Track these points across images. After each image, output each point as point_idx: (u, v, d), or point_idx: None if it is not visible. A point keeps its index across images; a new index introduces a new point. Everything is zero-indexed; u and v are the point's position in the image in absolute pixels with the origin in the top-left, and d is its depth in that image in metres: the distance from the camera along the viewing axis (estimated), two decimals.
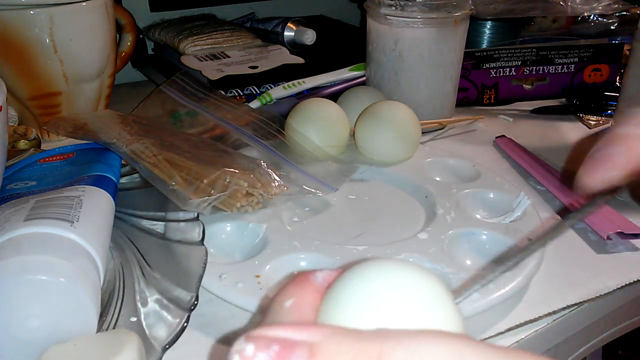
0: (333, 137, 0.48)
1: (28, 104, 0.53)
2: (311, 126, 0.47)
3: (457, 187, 0.44)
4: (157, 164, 0.39)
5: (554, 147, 0.55)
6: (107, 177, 0.38)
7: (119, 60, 0.61)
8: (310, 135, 0.47)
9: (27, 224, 0.29)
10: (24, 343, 0.26)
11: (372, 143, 0.48)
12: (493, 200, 0.43)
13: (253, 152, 0.46)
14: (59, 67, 0.51)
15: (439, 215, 0.40)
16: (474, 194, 0.43)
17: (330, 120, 0.48)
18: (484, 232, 0.38)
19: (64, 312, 0.26)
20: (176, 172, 0.38)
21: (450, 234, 0.38)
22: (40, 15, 0.49)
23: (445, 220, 0.39)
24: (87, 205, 0.32)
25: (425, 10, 0.53)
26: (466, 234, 0.38)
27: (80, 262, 0.28)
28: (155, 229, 0.37)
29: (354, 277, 0.17)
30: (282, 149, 0.46)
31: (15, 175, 0.40)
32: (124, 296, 0.32)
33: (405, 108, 0.48)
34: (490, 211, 0.42)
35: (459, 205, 0.41)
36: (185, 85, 0.56)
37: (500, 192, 0.43)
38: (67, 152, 0.43)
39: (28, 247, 0.28)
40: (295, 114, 0.48)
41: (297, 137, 0.47)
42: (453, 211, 0.40)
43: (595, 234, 0.40)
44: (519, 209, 0.40)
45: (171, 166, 0.39)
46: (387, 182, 0.47)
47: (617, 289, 0.35)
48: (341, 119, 0.49)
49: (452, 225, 0.39)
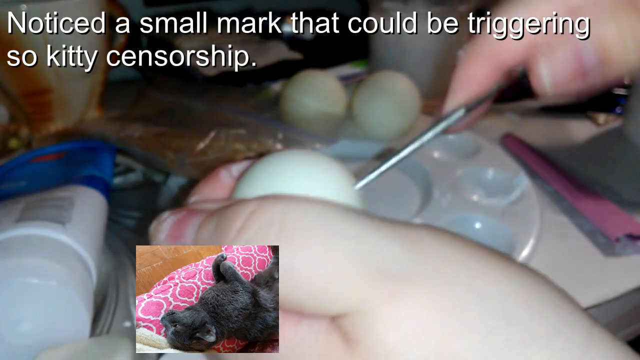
0: (328, 108, 0.47)
1: (19, 101, 0.52)
2: (305, 97, 0.46)
3: (455, 165, 0.43)
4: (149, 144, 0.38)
5: (562, 146, 0.54)
6: (100, 177, 0.37)
7: (112, 57, 0.60)
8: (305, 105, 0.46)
9: (18, 226, 0.28)
10: (15, 348, 0.26)
11: (368, 114, 0.46)
12: (492, 179, 0.42)
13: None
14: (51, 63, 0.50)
15: (434, 199, 0.39)
16: (472, 172, 0.43)
17: (326, 93, 0.47)
18: (479, 217, 0.38)
19: (56, 316, 0.26)
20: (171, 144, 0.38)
21: (445, 219, 0.37)
22: (32, 11, 0.48)
23: (440, 204, 0.39)
24: (79, 206, 0.32)
25: (428, 4, 0.52)
26: (461, 220, 0.38)
27: (72, 264, 0.28)
28: (149, 230, 0.36)
29: (259, 163, 0.19)
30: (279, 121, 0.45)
31: (6, 175, 0.39)
32: (118, 300, 0.31)
33: (404, 79, 0.47)
34: (489, 191, 0.41)
35: (455, 186, 0.41)
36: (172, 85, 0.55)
37: (499, 170, 0.42)
38: (59, 151, 0.42)
39: (19, 249, 0.27)
40: (291, 84, 0.47)
41: (291, 106, 0.46)
42: (449, 193, 0.40)
43: (604, 236, 0.39)
44: (517, 189, 0.40)
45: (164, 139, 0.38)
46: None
47: (626, 293, 0.34)
48: (337, 91, 0.47)
49: (447, 209, 0.38)
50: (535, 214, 0.37)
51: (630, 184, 0.47)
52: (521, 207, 0.38)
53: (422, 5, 0.52)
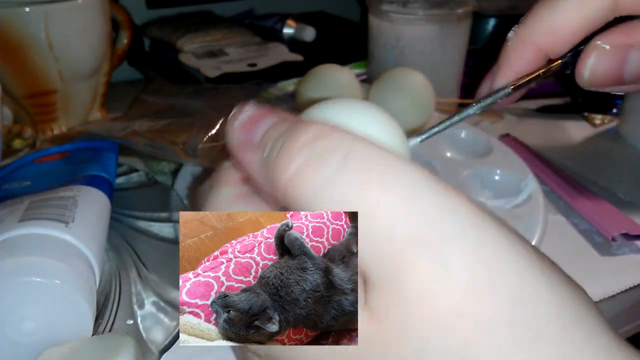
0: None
1: (23, 102, 0.52)
2: (322, 91, 0.46)
3: (465, 165, 0.43)
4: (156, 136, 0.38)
5: (558, 146, 0.54)
6: (103, 177, 0.37)
7: (115, 58, 0.60)
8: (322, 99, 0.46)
9: (21, 225, 0.29)
10: (19, 345, 0.26)
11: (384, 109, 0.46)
12: (500, 180, 0.42)
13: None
14: (55, 65, 0.51)
15: None
16: (482, 173, 0.43)
17: (342, 87, 0.46)
18: None
19: (59, 314, 0.26)
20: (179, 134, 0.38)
21: None
22: (36, 13, 0.48)
23: None
24: (83, 205, 0.32)
25: (427, 7, 0.52)
26: None
27: (76, 263, 0.28)
28: (152, 230, 0.37)
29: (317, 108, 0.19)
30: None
31: (10, 175, 0.40)
32: (120, 298, 0.31)
33: (420, 76, 0.47)
34: (497, 192, 0.41)
35: (463, 186, 0.41)
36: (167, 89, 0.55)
37: (509, 172, 0.42)
38: (63, 151, 0.43)
39: (23, 248, 0.27)
40: (307, 79, 0.47)
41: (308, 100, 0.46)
42: None
43: (600, 236, 0.40)
44: (525, 191, 0.40)
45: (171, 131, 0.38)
46: None
47: (622, 292, 0.35)
48: (353, 85, 0.47)
49: None
50: (539, 218, 0.37)
51: (626, 184, 0.47)
52: (526, 210, 0.38)
53: (421, 7, 0.52)
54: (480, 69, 0.61)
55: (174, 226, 0.36)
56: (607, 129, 0.58)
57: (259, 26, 0.75)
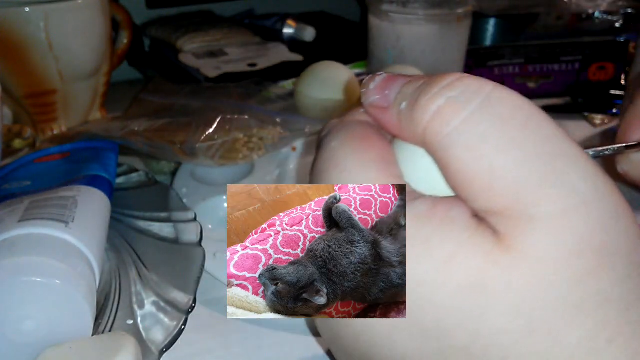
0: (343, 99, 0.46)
1: (23, 102, 0.52)
2: (321, 88, 0.46)
3: None
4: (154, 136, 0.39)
5: None
6: (103, 177, 0.37)
7: (115, 58, 0.60)
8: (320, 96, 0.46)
9: (21, 225, 0.29)
10: (18, 345, 0.26)
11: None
12: None
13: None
14: (54, 65, 0.51)
15: None
16: None
17: (341, 83, 0.46)
18: None
19: (59, 314, 0.26)
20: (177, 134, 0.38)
21: None
22: (35, 13, 0.48)
23: None
24: (83, 205, 0.32)
25: (427, 7, 0.52)
26: None
27: (76, 263, 0.28)
28: (152, 229, 0.37)
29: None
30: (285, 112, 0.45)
31: (10, 175, 0.40)
32: (120, 298, 0.31)
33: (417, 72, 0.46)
34: None
35: None
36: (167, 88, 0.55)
37: None
38: (63, 151, 0.43)
39: (23, 248, 0.27)
40: (305, 76, 0.47)
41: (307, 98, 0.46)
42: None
43: None
44: None
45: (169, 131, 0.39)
46: None
47: None
48: (352, 82, 0.47)
49: None
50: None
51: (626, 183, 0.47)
52: None
53: (421, 7, 0.52)
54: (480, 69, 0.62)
55: (174, 226, 0.36)
56: (607, 129, 0.58)
57: (259, 26, 0.75)
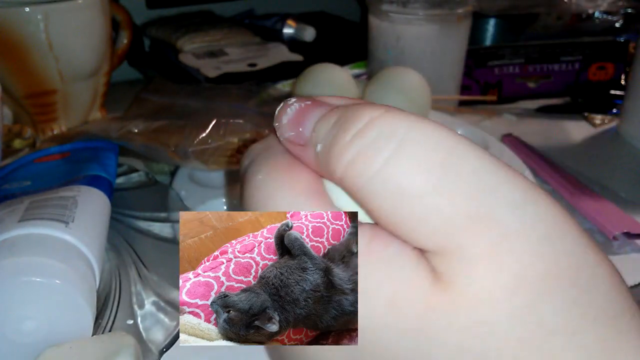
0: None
1: (23, 102, 0.52)
2: (318, 90, 0.46)
3: None
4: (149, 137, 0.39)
5: (559, 146, 0.54)
6: (103, 177, 0.37)
7: (115, 58, 0.60)
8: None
9: (21, 225, 0.29)
10: (18, 345, 0.26)
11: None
12: None
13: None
14: (54, 65, 0.51)
15: None
16: None
17: (338, 85, 0.46)
18: None
19: (59, 314, 0.26)
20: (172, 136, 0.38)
21: None
22: (36, 13, 0.48)
23: None
24: (83, 205, 0.32)
25: (427, 7, 0.52)
26: None
27: (76, 263, 0.28)
28: (152, 230, 0.37)
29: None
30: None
31: (10, 175, 0.40)
32: (120, 298, 0.31)
33: (415, 74, 0.46)
34: None
35: None
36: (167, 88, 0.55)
37: None
38: (63, 151, 0.43)
39: (23, 248, 0.27)
40: (303, 78, 0.47)
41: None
42: None
43: (602, 235, 0.40)
44: None
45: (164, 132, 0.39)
46: None
47: None
48: (349, 84, 0.47)
49: None
50: None
51: (627, 183, 0.47)
52: None
53: (421, 7, 0.52)
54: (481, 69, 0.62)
55: (173, 226, 0.36)
56: (607, 129, 0.58)
57: (259, 26, 0.75)
